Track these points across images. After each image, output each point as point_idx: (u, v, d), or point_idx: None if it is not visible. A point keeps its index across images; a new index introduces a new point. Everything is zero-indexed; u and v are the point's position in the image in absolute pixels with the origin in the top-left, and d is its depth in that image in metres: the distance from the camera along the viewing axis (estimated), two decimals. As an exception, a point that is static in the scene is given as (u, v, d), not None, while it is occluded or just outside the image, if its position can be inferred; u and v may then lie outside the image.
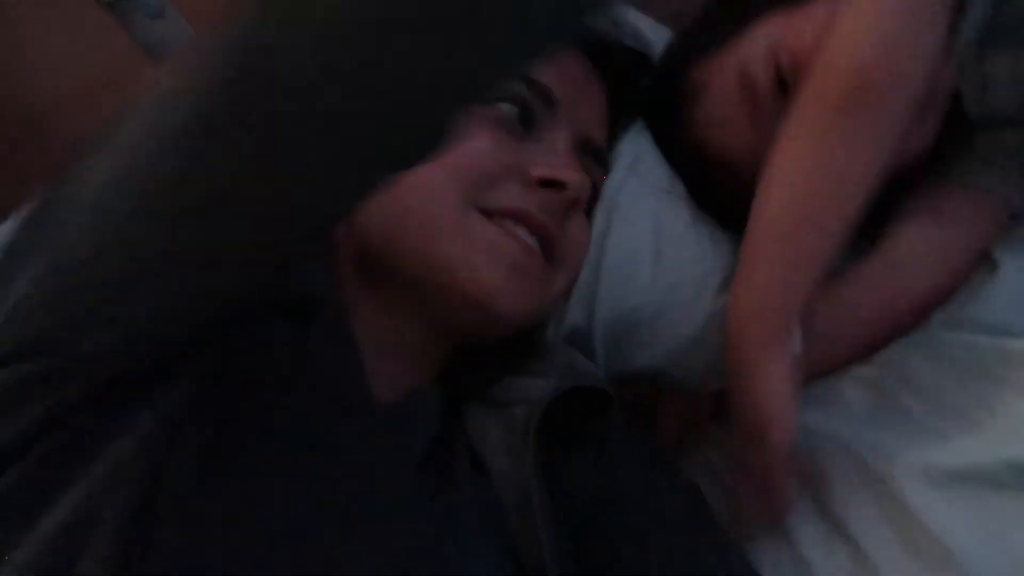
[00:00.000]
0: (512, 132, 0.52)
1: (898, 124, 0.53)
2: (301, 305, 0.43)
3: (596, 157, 0.58)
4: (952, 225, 0.61)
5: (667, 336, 0.61)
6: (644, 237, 0.62)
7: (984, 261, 0.62)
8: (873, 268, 0.61)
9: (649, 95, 0.69)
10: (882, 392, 0.58)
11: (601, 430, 0.53)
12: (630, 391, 0.67)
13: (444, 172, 0.48)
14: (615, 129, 0.64)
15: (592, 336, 0.62)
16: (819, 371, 0.60)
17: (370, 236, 0.50)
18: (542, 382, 0.51)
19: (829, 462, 0.55)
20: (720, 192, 0.65)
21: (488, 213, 0.49)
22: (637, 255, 0.62)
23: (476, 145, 0.49)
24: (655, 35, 0.72)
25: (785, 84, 0.58)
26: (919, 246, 0.61)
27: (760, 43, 0.59)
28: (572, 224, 0.54)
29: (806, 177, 0.53)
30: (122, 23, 1.35)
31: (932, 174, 0.64)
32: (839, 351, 0.60)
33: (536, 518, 0.45)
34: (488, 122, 0.51)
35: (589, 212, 0.59)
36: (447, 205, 0.48)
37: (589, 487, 0.51)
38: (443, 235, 0.48)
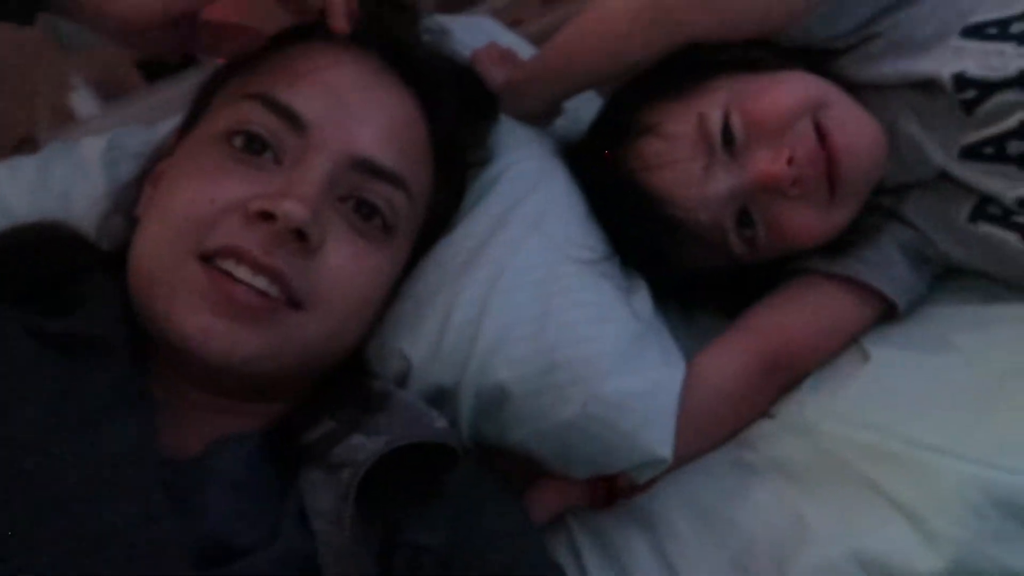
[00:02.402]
0: (251, 164, 0.50)
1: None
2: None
3: (380, 175, 0.52)
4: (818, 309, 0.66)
5: (539, 417, 0.59)
6: (528, 309, 0.59)
7: (856, 348, 0.64)
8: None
9: (591, 129, 0.72)
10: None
11: (446, 483, 0.52)
12: (504, 462, 0.65)
13: (163, 227, 0.50)
14: (459, 130, 0.60)
15: (459, 399, 0.60)
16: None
17: (135, 297, 0.50)
18: (371, 442, 0.48)
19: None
20: (652, 239, 0.66)
21: (209, 256, 0.48)
22: (515, 328, 0.59)
23: (186, 193, 0.50)
24: (468, 35, 0.73)
25: (732, 138, 0.62)
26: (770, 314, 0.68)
27: (720, 97, 0.63)
28: (329, 259, 0.50)
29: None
30: None
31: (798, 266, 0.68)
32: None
33: None
34: (212, 161, 0.50)
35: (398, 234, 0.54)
36: (165, 258, 0.49)
37: (434, 540, 0.50)
38: (161, 287, 0.48)
